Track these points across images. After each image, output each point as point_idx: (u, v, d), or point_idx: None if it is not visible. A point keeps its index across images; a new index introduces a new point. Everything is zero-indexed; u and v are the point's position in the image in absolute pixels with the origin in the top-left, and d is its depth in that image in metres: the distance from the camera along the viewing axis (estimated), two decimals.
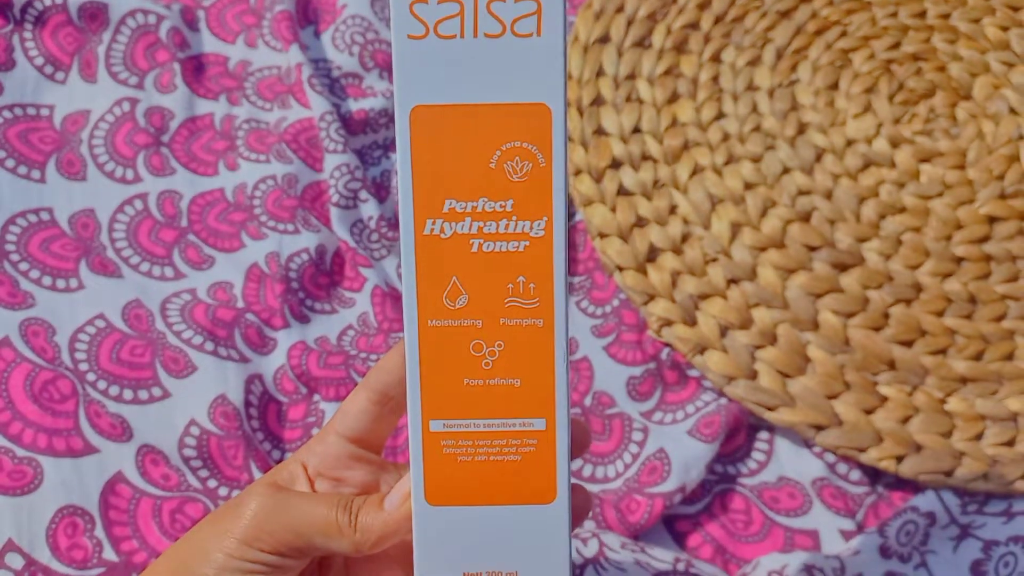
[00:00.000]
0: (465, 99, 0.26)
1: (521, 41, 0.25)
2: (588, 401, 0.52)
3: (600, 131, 0.58)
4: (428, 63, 0.25)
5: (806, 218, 0.56)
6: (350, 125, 0.59)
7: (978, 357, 0.53)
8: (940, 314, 0.54)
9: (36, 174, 0.53)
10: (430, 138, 0.26)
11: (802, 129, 0.59)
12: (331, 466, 0.33)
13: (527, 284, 0.27)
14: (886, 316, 0.54)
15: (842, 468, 0.51)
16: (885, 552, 0.48)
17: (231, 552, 0.30)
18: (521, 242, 0.26)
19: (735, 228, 0.55)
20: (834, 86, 0.61)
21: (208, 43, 0.61)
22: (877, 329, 0.53)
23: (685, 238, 0.55)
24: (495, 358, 0.27)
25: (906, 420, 0.51)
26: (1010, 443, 0.51)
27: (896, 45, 0.62)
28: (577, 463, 0.51)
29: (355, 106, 0.59)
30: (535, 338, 0.27)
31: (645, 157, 0.58)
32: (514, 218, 0.26)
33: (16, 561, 0.42)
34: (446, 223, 0.26)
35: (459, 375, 0.27)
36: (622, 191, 0.57)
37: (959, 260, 0.56)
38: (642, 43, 0.61)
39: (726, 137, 0.59)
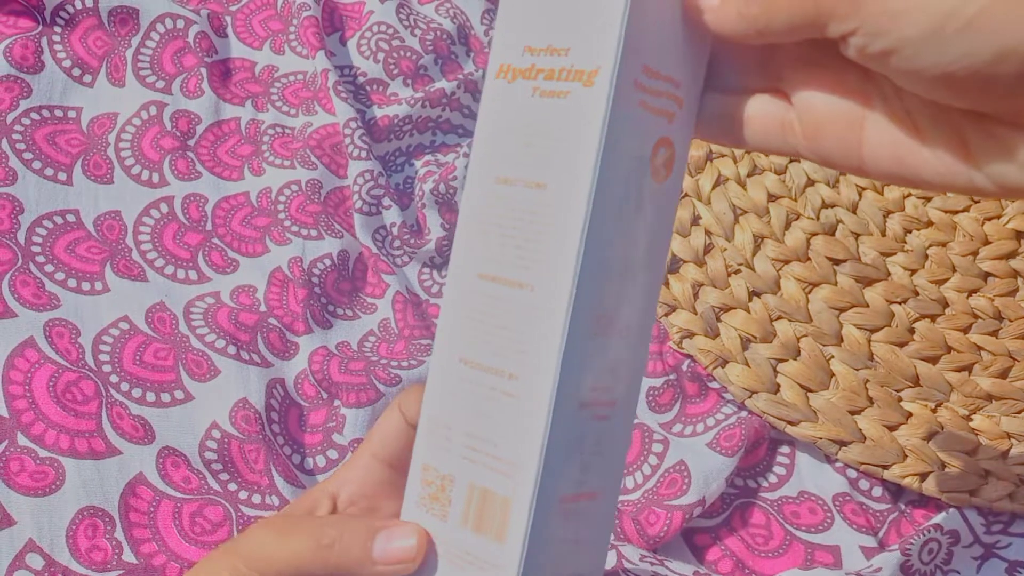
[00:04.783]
0: None
1: None
2: None
3: None
4: None
5: (831, 231, 0.56)
6: (374, 132, 0.59)
7: (1004, 374, 0.53)
8: (966, 330, 0.54)
9: (63, 176, 0.53)
10: None
11: None
12: (370, 493, 0.32)
13: None
14: (911, 331, 0.53)
15: (864, 484, 0.51)
16: (907, 570, 0.47)
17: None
18: None
19: (758, 240, 0.55)
20: None
21: (235, 48, 0.61)
22: (901, 344, 0.53)
23: (708, 249, 0.55)
24: None
25: (930, 437, 0.50)
26: None
27: None
28: None
29: (379, 113, 0.59)
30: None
31: None
32: None
33: (36, 562, 0.42)
34: None
35: None
36: None
37: (986, 275, 0.55)
38: None
39: None
